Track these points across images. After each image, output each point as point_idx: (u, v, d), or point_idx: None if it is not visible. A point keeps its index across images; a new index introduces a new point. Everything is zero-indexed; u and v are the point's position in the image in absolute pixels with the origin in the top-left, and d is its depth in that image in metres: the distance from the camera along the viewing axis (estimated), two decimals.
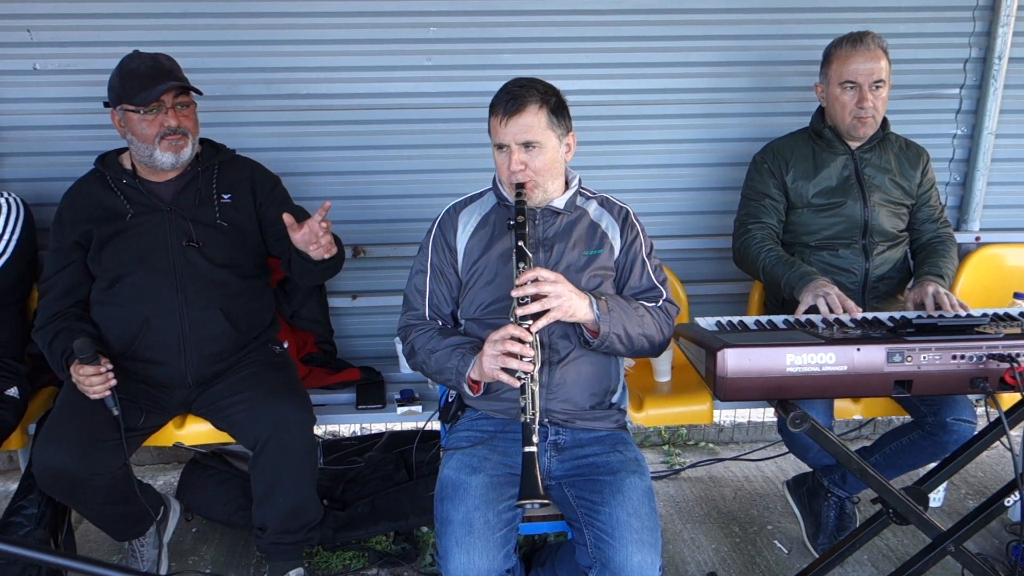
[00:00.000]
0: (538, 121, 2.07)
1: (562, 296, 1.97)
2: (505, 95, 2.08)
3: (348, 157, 3.11)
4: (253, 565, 2.82)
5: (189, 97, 2.46)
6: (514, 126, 2.06)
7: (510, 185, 2.13)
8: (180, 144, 2.43)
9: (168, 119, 2.39)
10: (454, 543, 1.89)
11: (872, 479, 2.10)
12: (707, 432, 3.76)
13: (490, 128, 2.14)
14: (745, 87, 3.18)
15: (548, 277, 1.97)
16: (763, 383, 1.91)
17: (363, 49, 3.01)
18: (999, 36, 3.12)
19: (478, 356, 2.02)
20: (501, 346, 1.92)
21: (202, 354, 2.48)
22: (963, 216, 3.36)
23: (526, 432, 1.90)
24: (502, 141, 2.09)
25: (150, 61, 2.40)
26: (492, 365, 1.94)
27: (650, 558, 1.90)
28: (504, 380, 1.93)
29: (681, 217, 3.30)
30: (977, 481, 3.32)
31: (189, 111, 2.46)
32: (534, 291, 1.95)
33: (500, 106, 2.08)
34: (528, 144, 2.08)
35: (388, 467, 3.01)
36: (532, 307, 1.94)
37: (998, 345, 1.93)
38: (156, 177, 2.50)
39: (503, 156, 2.11)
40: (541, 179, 2.12)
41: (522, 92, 2.07)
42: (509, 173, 2.11)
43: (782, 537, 2.96)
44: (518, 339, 1.92)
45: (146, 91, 2.35)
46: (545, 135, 2.09)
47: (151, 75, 2.37)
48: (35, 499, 2.48)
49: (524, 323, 1.94)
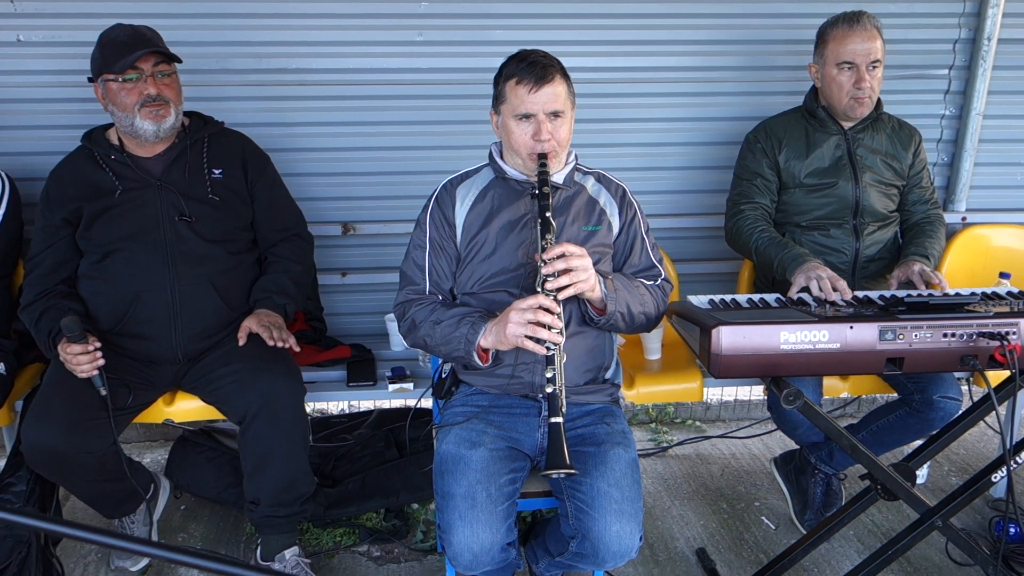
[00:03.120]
0: (563, 90, 2.08)
1: (588, 270, 1.98)
2: (530, 65, 2.04)
3: (338, 133, 3.08)
4: (243, 542, 2.82)
5: (171, 67, 2.42)
6: (543, 95, 2.04)
7: (531, 156, 2.10)
8: (161, 113, 2.39)
9: (148, 87, 2.35)
10: (457, 517, 1.90)
11: (862, 455, 2.13)
12: (694, 410, 3.79)
13: (506, 98, 2.09)
14: (736, 66, 3.17)
15: (575, 251, 1.97)
16: (757, 360, 1.94)
17: (354, 23, 2.97)
18: (988, 17, 3.13)
19: (495, 323, 2.00)
20: (531, 315, 1.91)
21: (192, 329, 2.46)
22: (950, 196, 3.38)
23: (553, 403, 1.91)
24: (529, 111, 2.05)
25: (129, 31, 2.37)
26: (518, 332, 1.92)
27: (629, 528, 1.92)
28: (530, 348, 1.92)
29: (672, 196, 3.30)
30: (959, 458, 3.37)
31: (170, 80, 2.42)
32: (563, 266, 1.94)
33: (528, 75, 2.04)
34: (556, 113, 2.07)
35: (378, 444, 3.01)
36: (562, 280, 1.94)
37: (988, 323, 1.96)
38: (144, 151, 2.47)
39: (527, 126, 2.08)
40: (560, 151, 2.13)
41: (547, 61, 2.06)
42: (534, 143, 2.07)
43: (769, 513, 2.99)
44: (547, 309, 1.91)
45: (123, 58, 2.32)
46: (567, 105, 2.10)
47: (129, 43, 2.34)
48: (23, 476, 2.45)
49: (551, 294, 1.94)
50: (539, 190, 2.05)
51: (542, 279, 1.95)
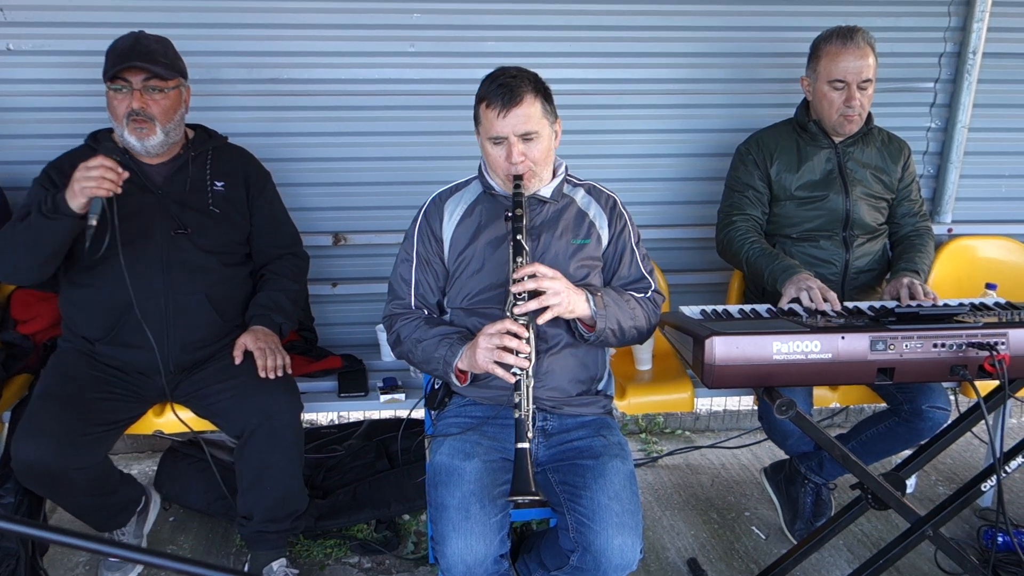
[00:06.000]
0: (534, 110, 2.05)
1: (560, 293, 1.96)
2: (499, 87, 2.02)
3: (330, 143, 3.08)
4: (232, 554, 2.80)
5: (165, 83, 2.36)
6: (513, 118, 2.02)
7: (507, 177, 2.09)
8: (144, 131, 2.35)
9: (133, 101, 2.32)
10: (451, 528, 1.90)
11: (853, 465, 2.14)
12: (684, 420, 3.80)
13: (480, 120, 2.10)
14: (724, 78, 3.20)
15: (546, 273, 1.96)
16: (750, 370, 1.95)
17: (346, 34, 2.98)
18: (974, 31, 3.17)
19: (468, 347, 2.01)
20: (497, 340, 1.92)
21: (185, 340, 2.44)
22: (936, 208, 3.42)
23: (519, 428, 1.91)
24: (500, 134, 2.04)
25: (131, 41, 2.35)
26: (486, 358, 1.93)
27: (630, 541, 1.92)
28: (499, 374, 1.93)
29: (660, 207, 3.32)
30: (947, 468, 3.39)
31: (160, 96, 2.35)
32: (533, 286, 1.94)
33: (496, 98, 2.02)
34: (527, 135, 2.05)
35: (369, 455, 3.00)
36: (531, 304, 1.94)
37: (977, 334, 1.98)
38: (149, 159, 2.45)
39: (500, 149, 2.07)
40: (539, 169, 2.11)
41: (515, 82, 2.03)
42: (508, 166, 2.06)
43: (760, 523, 3.00)
44: (514, 334, 1.91)
45: (114, 67, 2.31)
46: (541, 124, 2.07)
47: (124, 53, 2.32)
48: (11, 488, 2.42)
49: (520, 319, 1.94)
50: (512, 212, 2.04)
51: (511, 302, 1.96)
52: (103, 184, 2.15)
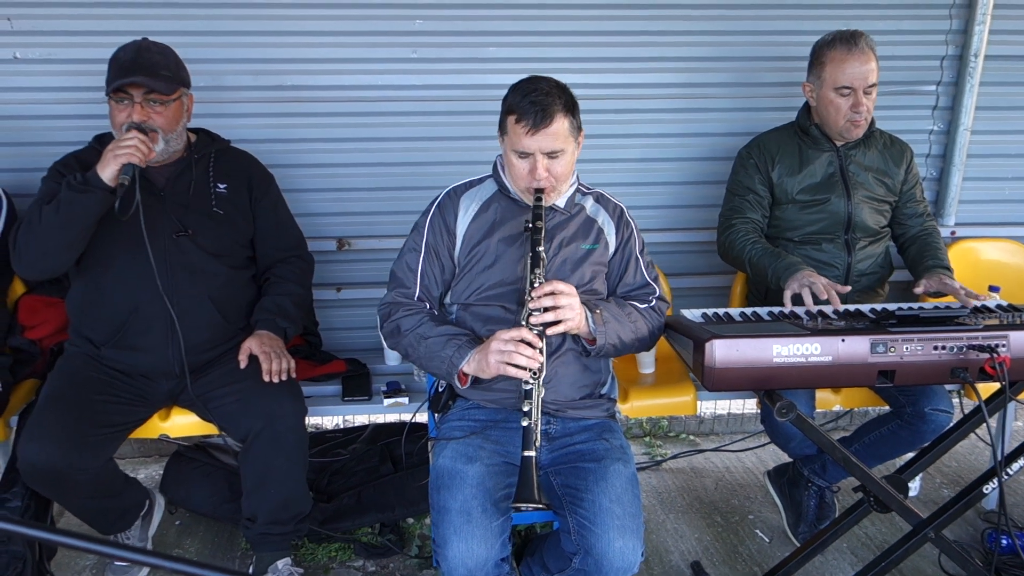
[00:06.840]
0: (563, 128, 2.06)
1: (575, 310, 2.00)
2: (531, 105, 2.02)
3: (333, 149, 3.09)
4: (238, 557, 2.82)
5: (166, 96, 2.36)
6: (542, 137, 2.03)
7: (528, 190, 2.12)
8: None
9: (133, 113, 2.34)
10: (452, 531, 1.91)
11: (856, 468, 2.15)
12: (688, 424, 3.81)
13: (506, 131, 2.10)
14: (726, 82, 3.20)
15: (564, 290, 1.99)
16: (750, 373, 1.96)
17: (349, 41, 3.00)
18: (975, 34, 3.17)
19: (479, 351, 2.02)
20: (512, 347, 1.94)
21: (190, 342, 2.45)
22: (939, 211, 3.41)
23: (527, 436, 1.93)
24: (526, 150, 2.06)
25: (133, 52, 2.36)
26: (500, 360, 1.95)
27: (631, 544, 1.93)
28: (512, 374, 1.95)
29: (662, 211, 3.32)
30: (951, 470, 3.39)
31: (163, 108, 2.36)
32: (551, 303, 1.97)
33: (528, 116, 2.02)
34: (552, 153, 2.06)
35: (373, 459, 3.02)
36: (547, 316, 1.97)
37: (978, 336, 1.99)
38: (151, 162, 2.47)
39: (524, 163, 2.08)
40: (560, 183, 2.14)
41: (548, 100, 2.02)
42: (531, 180, 2.08)
43: (763, 526, 3.00)
44: (528, 343, 1.94)
45: (115, 80, 2.33)
46: (567, 142, 2.08)
47: (125, 67, 2.33)
48: (19, 492, 2.45)
49: (535, 328, 1.96)
50: (532, 224, 2.06)
51: (527, 313, 1.98)
52: (136, 153, 2.23)
